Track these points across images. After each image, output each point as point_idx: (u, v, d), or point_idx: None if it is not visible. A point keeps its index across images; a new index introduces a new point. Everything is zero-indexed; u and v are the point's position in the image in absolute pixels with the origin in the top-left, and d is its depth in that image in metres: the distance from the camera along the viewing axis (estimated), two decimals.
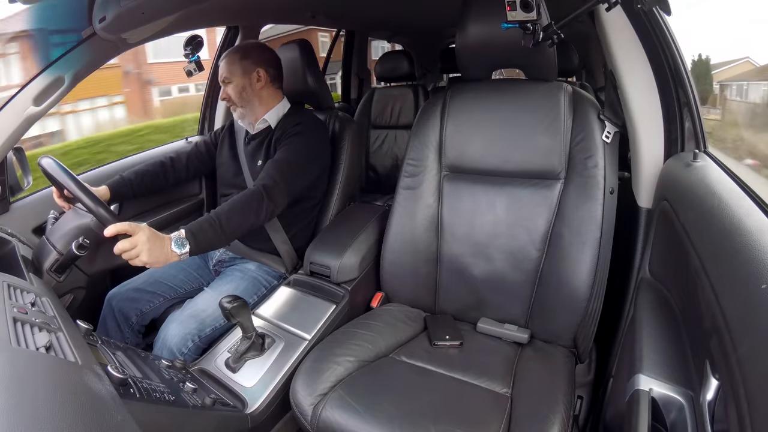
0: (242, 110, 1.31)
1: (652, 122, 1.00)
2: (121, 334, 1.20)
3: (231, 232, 1.05)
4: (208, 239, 1.01)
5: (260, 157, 1.31)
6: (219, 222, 1.02)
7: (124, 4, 0.91)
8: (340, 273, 1.19)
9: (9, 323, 0.58)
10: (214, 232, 1.01)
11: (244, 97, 1.29)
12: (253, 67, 1.29)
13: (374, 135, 2.44)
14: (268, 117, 1.32)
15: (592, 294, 1.01)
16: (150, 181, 1.33)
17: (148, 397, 0.70)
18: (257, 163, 1.31)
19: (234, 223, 1.05)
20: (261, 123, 1.32)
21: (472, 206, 1.16)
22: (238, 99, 1.29)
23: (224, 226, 1.03)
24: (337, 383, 0.92)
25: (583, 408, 1.06)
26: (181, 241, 0.98)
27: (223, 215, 1.04)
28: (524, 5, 0.86)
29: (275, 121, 1.32)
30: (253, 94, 1.30)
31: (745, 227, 0.55)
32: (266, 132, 1.33)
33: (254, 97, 1.30)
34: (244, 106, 1.30)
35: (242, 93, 1.29)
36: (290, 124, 1.29)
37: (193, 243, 0.98)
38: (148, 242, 0.92)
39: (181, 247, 0.97)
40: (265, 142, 1.31)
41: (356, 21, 2.64)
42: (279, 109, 1.33)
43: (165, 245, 0.95)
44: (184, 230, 0.98)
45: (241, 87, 1.28)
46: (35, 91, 1.01)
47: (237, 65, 1.28)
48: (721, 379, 0.50)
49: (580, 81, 3.27)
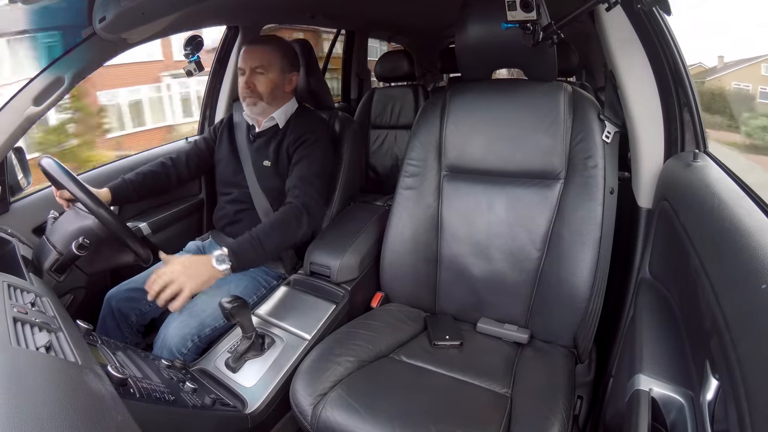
0: (264, 106, 1.26)
1: (652, 122, 1.00)
2: (121, 334, 1.20)
3: (271, 251, 1.08)
4: (250, 258, 1.05)
5: (267, 157, 1.29)
6: (259, 241, 1.05)
7: (124, 4, 0.91)
8: (340, 273, 1.18)
9: (9, 323, 0.58)
10: (255, 252, 1.05)
11: (275, 95, 1.26)
12: (290, 69, 1.28)
13: (374, 135, 2.44)
14: (276, 115, 1.30)
15: (592, 294, 1.01)
16: (152, 182, 1.32)
17: (148, 397, 0.70)
18: (263, 163, 1.29)
19: (274, 243, 1.08)
20: (269, 121, 1.30)
21: (473, 206, 1.16)
22: (267, 94, 1.24)
23: (265, 246, 1.05)
24: (337, 383, 0.92)
25: (583, 408, 1.06)
26: (222, 258, 1.00)
27: (263, 234, 1.06)
28: (524, 5, 0.86)
29: (283, 120, 1.31)
30: (282, 95, 1.28)
31: (745, 227, 0.55)
32: (273, 131, 1.31)
33: (281, 98, 1.28)
34: (269, 102, 1.26)
35: (274, 90, 1.25)
36: (302, 128, 1.27)
37: (234, 261, 1.01)
38: (185, 270, 0.95)
39: (222, 263, 0.99)
40: (274, 142, 1.29)
41: (356, 21, 2.64)
42: (288, 108, 1.32)
43: (206, 264, 0.98)
44: (227, 248, 1.01)
45: (275, 84, 1.25)
46: (35, 91, 1.01)
47: (277, 60, 1.24)
48: (721, 379, 0.50)
49: (580, 81, 3.27)
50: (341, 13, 2.21)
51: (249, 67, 1.24)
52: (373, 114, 2.43)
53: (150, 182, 1.32)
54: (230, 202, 1.33)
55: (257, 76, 1.23)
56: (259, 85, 1.24)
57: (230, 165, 1.35)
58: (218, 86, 1.77)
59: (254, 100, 1.25)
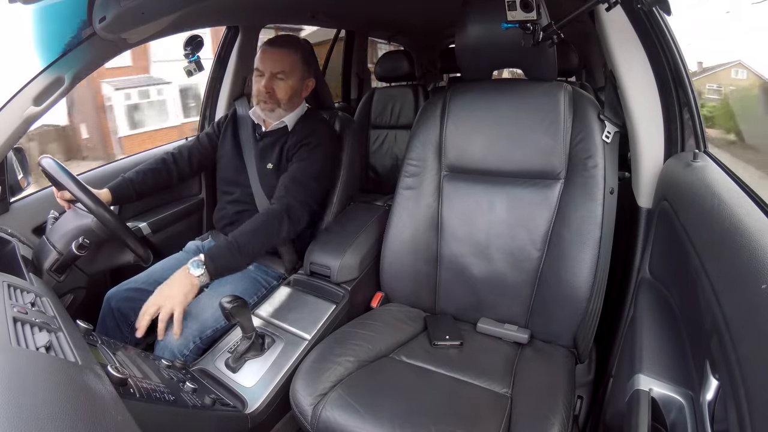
0: (281, 111, 1.25)
1: (652, 122, 1.00)
2: (121, 334, 1.19)
3: (249, 255, 1.08)
4: (227, 262, 1.05)
5: (271, 159, 1.28)
6: (238, 245, 1.05)
7: (124, 4, 0.91)
8: (340, 273, 1.18)
9: (9, 323, 0.58)
10: (232, 255, 1.05)
11: (293, 102, 1.25)
12: (308, 75, 1.26)
13: (374, 135, 2.44)
14: (288, 119, 1.29)
15: (592, 294, 1.01)
16: (152, 179, 1.31)
17: (148, 397, 0.70)
18: (266, 165, 1.28)
19: (252, 247, 1.08)
20: (278, 123, 1.30)
21: (473, 206, 1.16)
22: (286, 101, 1.23)
23: (243, 250, 1.05)
24: (337, 383, 0.92)
25: (583, 408, 1.06)
26: (196, 263, 1.01)
27: (242, 238, 1.06)
28: (524, 5, 0.86)
29: (293, 123, 1.30)
30: (299, 101, 1.27)
31: (745, 227, 0.55)
32: (281, 133, 1.30)
33: (297, 104, 1.27)
34: (286, 108, 1.25)
35: (293, 96, 1.24)
36: (305, 131, 1.26)
37: (211, 265, 1.01)
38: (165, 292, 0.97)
39: (197, 268, 1.00)
40: (278, 144, 1.28)
41: (356, 21, 2.64)
42: (299, 111, 1.32)
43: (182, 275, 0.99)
44: (203, 255, 1.02)
45: (294, 90, 1.23)
46: (35, 91, 1.01)
47: (299, 66, 1.23)
48: (721, 379, 0.50)
49: (580, 81, 3.27)
50: (341, 13, 2.21)
51: (270, 71, 1.21)
52: (373, 114, 2.43)
53: (150, 180, 1.31)
54: (231, 202, 1.33)
55: (277, 81, 1.21)
56: (279, 92, 1.22)
57: (233, 162, 1.33)
58: (218, 86, 1.76)
59: (272, 106, 1.23)
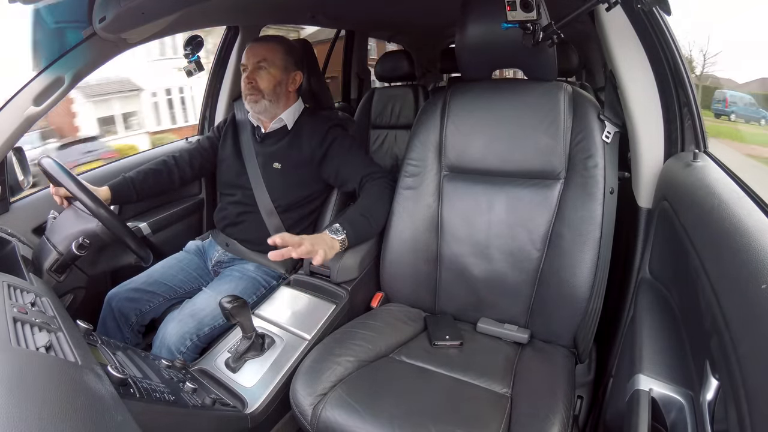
0: (266, 104, 1.25)
1: (652, 122, 1.00)
2: (121, 334, 1.20)
3: (379, 224, 1.18)
4: (363, 228, 1.12)
5: (277, 160, 1.28)
6: (370, 214, 1.14)
7: (124, 4, 0.91)
8: (340, 273, 1.18)
9: (9, 323, 0.58)
10: (368, 223, 1.14)
11: (277, 92, 1.25)
12: (294, 67, 1.27)
13: (374, 135, 2.44)
14: (284, 116, 1.29)
15: (592, 294, 1.01)
16: (154, 181, 1.31)
17: (148, 397, 0.70)
18: (273, 165, 1.28)
19: (380, 216, 1.17)
20: (277, 122, 1.30)
21: (473, 206, 1.16)
22: (269, 91, 1.24)
23: (373, 217, 1.15)
24: (337, 383, 0.92)
25: (583, 408, 1.06)
26: (335, 228, 1.07)
27: (369, 208, 1.15)
28: (524, 5, 0.86)
29: (292, 121, 1.30)
30: (284, 93, 1.27)
31: (745, 227, 0.55)
32: (282, 132, 1.30)
33: (283, 96, 1.27)
34: (271, 100, 1.25)
35: (276, 87, 1.24)
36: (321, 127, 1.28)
37: (350, 230, 1.07)
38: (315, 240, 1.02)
39: (337, 233, 1.06)
40: (283, 143, 1.28)
41: (356, 21, 2.64)
42: (295, 109, 1.32)
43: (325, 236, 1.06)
44: (339, 222, 1.08)
45: (277, 81, 1.24)
46: (35, 91, 1.01)
47: (280, 55, 1.24)
48: (721, 379, 0.50)
49: (580, 81, 3.27)
50: (341, 13, 2.21)
51: (251, 63, 1.23)
52: (373, 114, 2.43)
53: (152, 181, 1.31)
54: (233, 203, 1.33)
55: (259, 71, 1.22)
56: (261, 81, 1.22)
57: (233, 166, 1.33)
58: (218, 86, 1.77)
59: (256, 97, 1.24)
